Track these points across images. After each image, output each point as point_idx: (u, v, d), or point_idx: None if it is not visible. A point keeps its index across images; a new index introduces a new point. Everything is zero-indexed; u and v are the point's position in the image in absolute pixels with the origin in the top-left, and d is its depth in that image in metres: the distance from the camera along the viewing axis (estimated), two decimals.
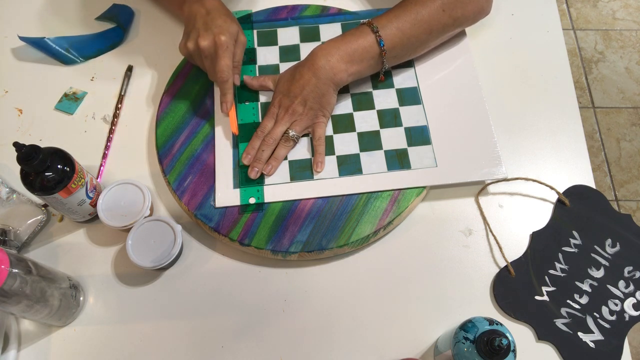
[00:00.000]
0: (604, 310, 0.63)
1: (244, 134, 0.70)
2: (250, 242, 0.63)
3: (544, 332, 0.62)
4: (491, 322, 0.51)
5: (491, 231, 0.67)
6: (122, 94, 0.76)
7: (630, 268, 0.65)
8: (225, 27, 0.67)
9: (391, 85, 0.74)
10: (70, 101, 0.76)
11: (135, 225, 0.63)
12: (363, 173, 0.67)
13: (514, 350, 0.50)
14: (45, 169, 0.58)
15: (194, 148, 0.70)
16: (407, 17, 0.67)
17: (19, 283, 0.52)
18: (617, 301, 0.63)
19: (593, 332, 0.62)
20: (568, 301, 0.63)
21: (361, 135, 0.70)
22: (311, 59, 0.67)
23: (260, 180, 0.67)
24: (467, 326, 0.52)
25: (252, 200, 0.66)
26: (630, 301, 0.64)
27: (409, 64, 0.76)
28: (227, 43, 0.66)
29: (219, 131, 0.70)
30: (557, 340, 0.61)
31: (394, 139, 0.70)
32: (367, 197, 0.66)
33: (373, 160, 0.68)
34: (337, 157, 0.69)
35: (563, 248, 0.66)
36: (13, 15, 0.83)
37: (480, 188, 0.70)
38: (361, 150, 0.69)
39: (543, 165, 0.72)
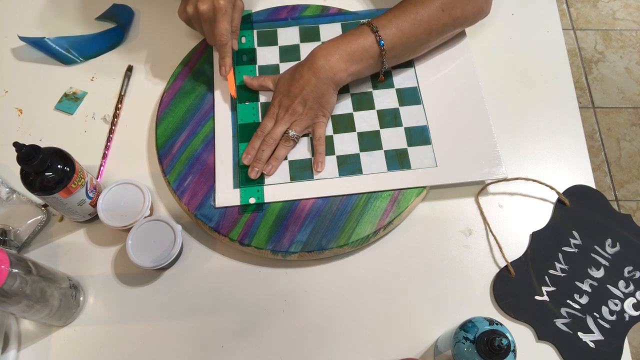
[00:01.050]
0: (604, 310, 0.63)
1: (244, 134, 0.70)
2: (250, 242, 0.63)
3: (544, 332, 0.62)
4: (491, 322, 0.51)
5: (491, 231, 0.67)
6: (122, 94, 0.76)
7: (630, 268, 0.65)
8: None
9: (391, 85, 0.74)
10: (70, 101, 0.76)
11: (135, 225, 0.63)
12: (363, 173, 0.67)
13: (514, 350, 0.50)
14: (45, 169, 0.58)
15: (194, 148, 0.69)
16: (406, 17, 0.67)
17: (19, 283, 0.52)
18: (617, 301, 0.63)
19: (593, 332, 0.62)
20: (568, 301, 0.63)
21: (361, 135, 0.70)
22: (311, 59, 0.67)
23: (260, 180, 0.67)
24: (467, 326, 0.52)
25: (252, 200, 0.66)
26: (630, 301, 0.64)
27: (409, 63, 0.76)
28: (225, 7, 0.67)
29: (219, 131, 0.70)
30: (557, 340, 0.61)
31: (394, 139, 0.70)
32: (367, 197, 0.66)
33: (373, 160, 0.68)
34: (337, 157, 0.69)
35: (563, 248, 0.66)
36: (13, 15, 0.83)
37: (480, 188, 0.70)
38: (361, 150, 0.69)
39: (543, 165, 0.72)
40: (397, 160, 0.68)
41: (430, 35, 0.69)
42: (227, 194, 0.66)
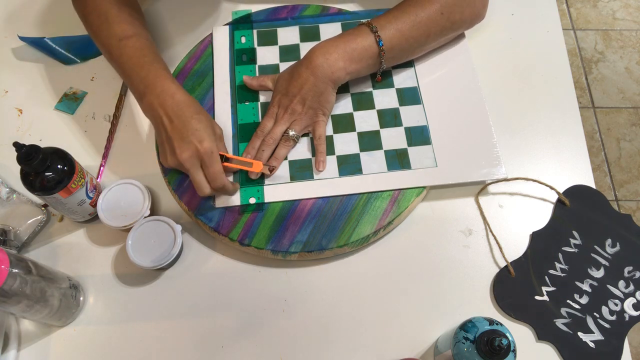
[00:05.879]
0: (604, 310, 0.63)
1: (244, 134, 0.70)
2: (250, 242, 0.63)
3: (544, 332, 0.62)
4: (491, 322, 0.51)
5: (491, 231, 0.67)
6: (122, 93, 0.76)
7: (630, 268, 0.65)
8: (201, 128, 0.61)
9: (391, 85, 0.74)
10: (70, 101, 0.76)
11: (135, 225, 0.63)
12: (363, 173, 0.67)
13: (514, 350, 0.50)
14: (45, 169, 0.58)
15: None
16: (406, 19, 0.68)
17: (19, 283, 0.52)
18: (617, 301, 0.63)
19: (593, 332, 0.62)
20: (568, 301, 0.63)
21: (361, 135, 0.70)
22: (309, 58, 0.67)
23: (260, 180, 0.67)
24: (467, 326, 0.52)
25: (252, 200, 0.66)
26: (630, 301, 0.64)
27: (409, 63, 0.76)
28: (212, 148, 0.60)
29: None
30: (557, 340, 0.61)
31: (394, 138, 0.70)
32: (367, 197, 0.66)
33: (373, 160, 0.68)
34: (337, 157, 0.69)
35: (563, 248, 0.66)
36: (13, 15, 0.83)
37: (480, 188, 0.70)
38: (361, 150, 0.69)
39: (543, 165, 0.72)
40: (397, 160, 0.68)
41: (428, 37, 0.70)
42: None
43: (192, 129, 0.60)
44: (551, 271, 0.65)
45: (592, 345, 0.61)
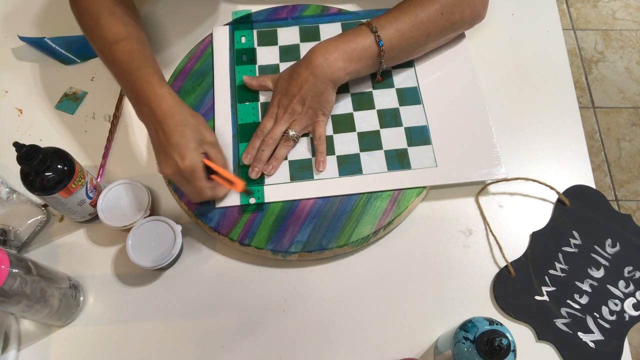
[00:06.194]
0: (604, 310, 0.63)
1: (244, 134, 0.70)
2: (250, 242, 0.63)
3: (544, 332, 0.62)
4: (491, 322, 0.51)
5: (491, 231, 0.67)
6: (122, 93, 0.76)
7: (630, 268, 0.65)
8: (183, 143, 0.58)
9: (391, 85, 0.74)
10: (70, 101, 0.76)
11: (135, 225, 0.63)
12: (363, 173, 0.67)
13: (514, 350, 0.50)
14: (45, 169, 0.58)
15: None
16: (406, 19, 0.68)
17: (19, 283, 0.52)
18: (617, 301, 0.63)
19: (593, 332, 0.62)
20: (568, 301, 0.63)
21: (361, 135, 0.70)
22: (309, 58, 0.67)
23: (260, 180, 0.67)
24: (467, 326, 0.52)
25: (252, 201, 0.66)
26: (630, 301, 0.64)
27: (409, 63, 0.76)
28: (193, 166, 0.58)
29: (219, 131, 0.70)
30: (557, 340, 0.61)
31: (394, 138, 0.70)
32: (367, 197, 0.66)
33: (373, 160, 0.68)
34: (337, 157, 0.69)
35: (563, 248, 0.66)
36: (13, 15, 0.83)
37: (480, 188, 0.70)
38: (361, 150, 0.69)
39: (543, 165, 0.72)
40: (397, 160, 0.68)
41: (428, 37, 0.70)
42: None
43: (174, 143, 0.58)
44: (551, 271, 0.65)
45: (592, 345, 0.61)
